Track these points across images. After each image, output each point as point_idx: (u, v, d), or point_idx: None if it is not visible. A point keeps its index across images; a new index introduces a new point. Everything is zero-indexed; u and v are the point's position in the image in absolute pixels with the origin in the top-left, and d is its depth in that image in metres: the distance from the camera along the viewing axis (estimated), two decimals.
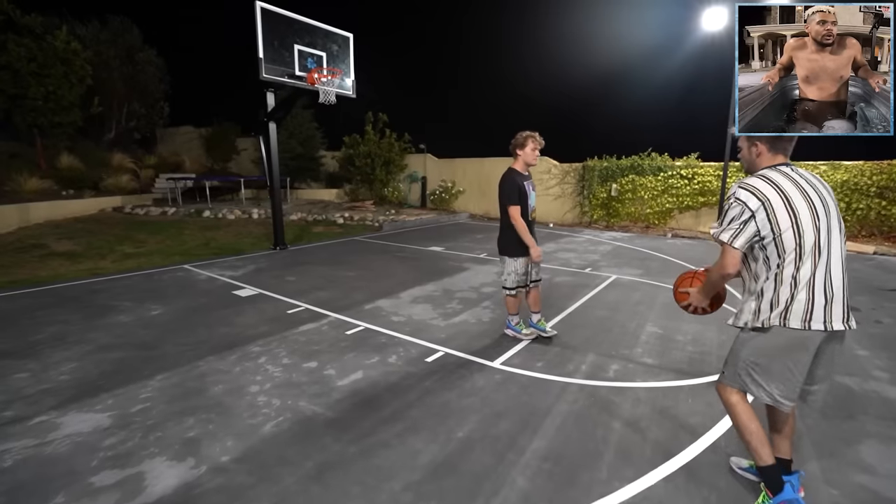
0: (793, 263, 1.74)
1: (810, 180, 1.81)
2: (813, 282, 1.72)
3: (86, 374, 3.24)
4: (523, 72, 21.52)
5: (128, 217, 11.15)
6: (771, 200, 1.74)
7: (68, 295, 5.27)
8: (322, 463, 2.27)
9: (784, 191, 1.75)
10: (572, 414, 2.73)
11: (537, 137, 3.65)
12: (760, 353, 1.83)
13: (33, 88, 11.10)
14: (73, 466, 2.24)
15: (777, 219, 1.73)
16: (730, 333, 4.10)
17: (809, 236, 1.72)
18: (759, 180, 1.80)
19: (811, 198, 1.76)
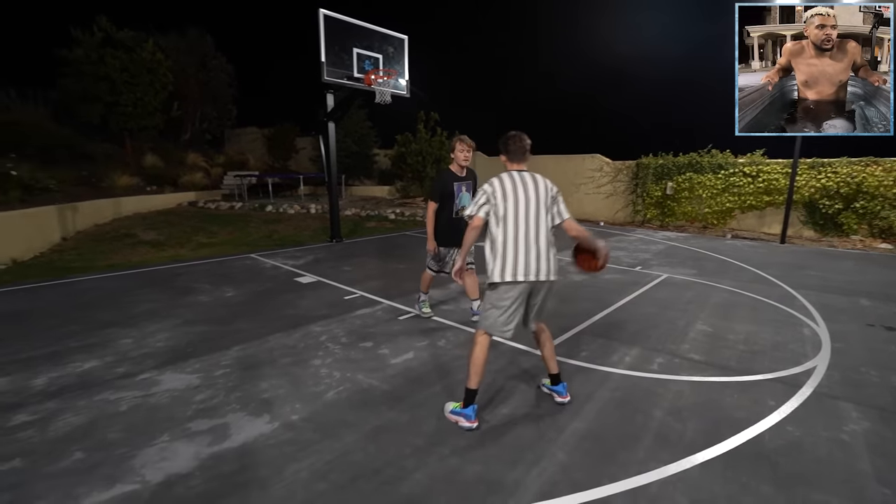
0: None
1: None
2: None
3: (177, 343, 3.72)
4: (576, 68, 21.12)
5: (201, 210, 12.20)
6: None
7: (156, 277, 5.94)
8: (378, 427, 2.53)
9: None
10: (613, 400, 2.83)
11: (466, 140, 4.02)
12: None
13: (125, 96, 12.40)
14: (173, 414, 2.64)
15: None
16: (785, 334, 3.99)
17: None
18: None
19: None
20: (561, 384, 2.82)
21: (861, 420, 2.61)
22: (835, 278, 6.17)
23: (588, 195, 13.36)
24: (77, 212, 9.02)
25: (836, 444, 2.38)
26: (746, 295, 5.26)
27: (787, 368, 3.30)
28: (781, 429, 2.51)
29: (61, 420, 2.58)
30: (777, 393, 2.92)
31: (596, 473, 2.14)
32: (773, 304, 4.90)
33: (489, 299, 2.60)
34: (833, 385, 3.05)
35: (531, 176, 2.64)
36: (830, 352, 3.62)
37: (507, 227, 2.53)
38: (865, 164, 9.46)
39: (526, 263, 2.50)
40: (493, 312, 2.57)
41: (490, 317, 2.58)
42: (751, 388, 3.00)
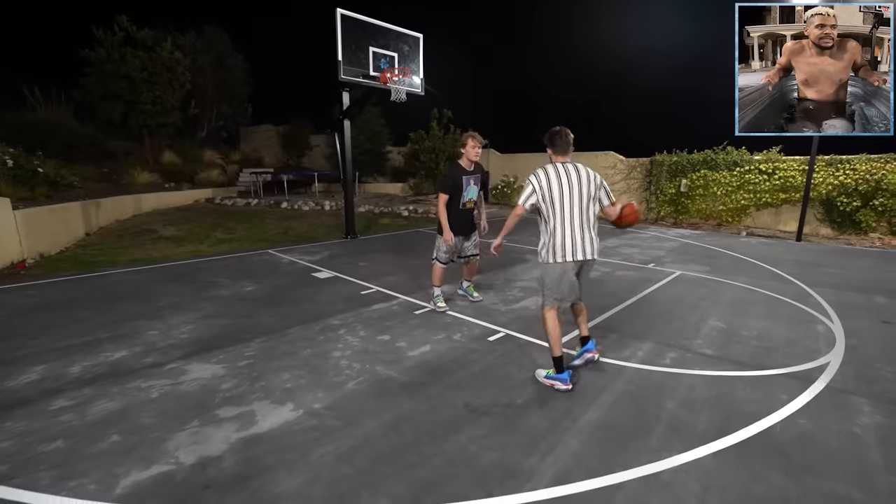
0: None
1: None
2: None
3: (200, 335, 3.87)
4: (589, 66, 20.99)
5: (218, 207, 12.45)
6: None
7: (178, 272, 6.13)
8: (398, 416, 2.63)
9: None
10: (627, 393, 2.89)
11: (477, 136, 4.25)
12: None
13: (145, 94, 12.70)
14: (202, 401, 2.77)
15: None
16: (799, 330, 4.00)
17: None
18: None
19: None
20: (590, 342, 3.27)
21: (874, 414, 2.64)
22: (851, 276, 6.12)
23: None
24: (100, 208, 9.29)
25: (848, 436, 2.42)
26: (761, 292, 5.26)
27: (800, 364, 3.32)
28: (793, 421, 2.56)
29: (97, 405, 2.72)
30: (790, 387, 2.96)
31: (609, 461, 2.21)
32: (787, 301, 4.89)
33: (547, 277, 3.00)
34: (846, 380, 3.07)
35: (574, 166, 3.00)
36: (844, 348, 3.63)
37: (556, 213, 2.93)
38: (885, 161, 9.29)
39: (573, 245, 2.91)
40: (555, 289, 2.98)
41: (552, 294, 2.99)
42: (763, 382, 3.04)
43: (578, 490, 2.01)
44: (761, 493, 2.00)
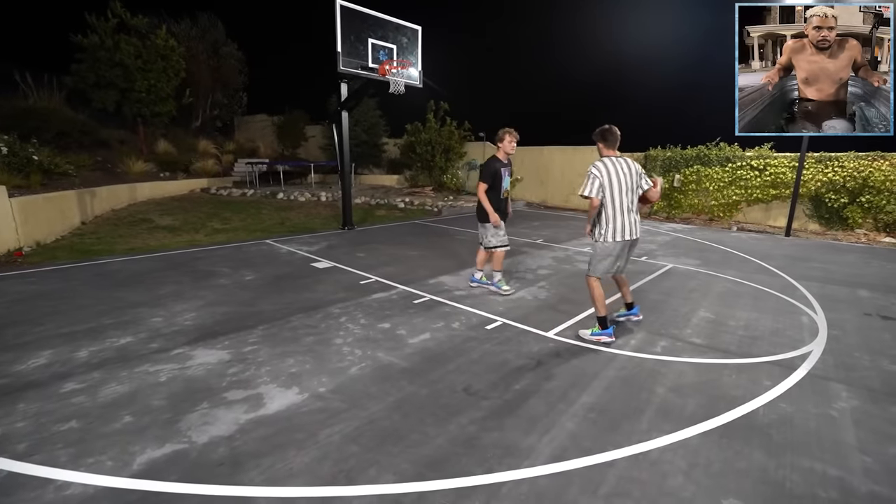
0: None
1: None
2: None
3: (203, 322, 3.94)
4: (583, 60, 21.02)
5: (213, 197, 12.42)
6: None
7: (177, 261, 6.17)
8: (400, 399, 2.74)
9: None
10: (619, 378, 3.02)
11: (513, 132, 4.63)
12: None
13: (139, 82, 12.56)
14: (210, 385, 2.86)
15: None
16: (784, 321, 4.16)
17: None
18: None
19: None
20: (635, 307, 4.03)
21: (850, 399, 2.79)
22: (837, 270, 6.30)
23: None
24: (95, 196, 9.25)
25: (825, 419, 2.57)
26: (749, 285, 5.42)
27: (784, 352, 3.47)
28: (775, 405, 2.70)
29: (108, 388, 2.80)
30: (773, 374, 3.10)
31: (602, 441, 2.34)
32: (774, 294, 5.05)
33: (599, 254, 3.60)
34: (827, 368, 3.23)
35: (623, 160, 3.58)
36: (826, 338, 3.79)
37: (613, 200, 3.49)
38: (872, 159, 9.50)
39: (623, 226, 3.52)
40: (603, 263, 3.61)
41: (600, 267, 3.62)
42: (748, 369, 3.18)
43: (573, 467, 2.13)
44: (743, 468, 2.14)
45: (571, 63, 21.40)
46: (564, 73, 21.72)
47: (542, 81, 23.17)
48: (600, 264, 3.61)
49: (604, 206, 3.52)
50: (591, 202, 3.52)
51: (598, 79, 20.32)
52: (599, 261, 3.60)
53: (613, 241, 3.52)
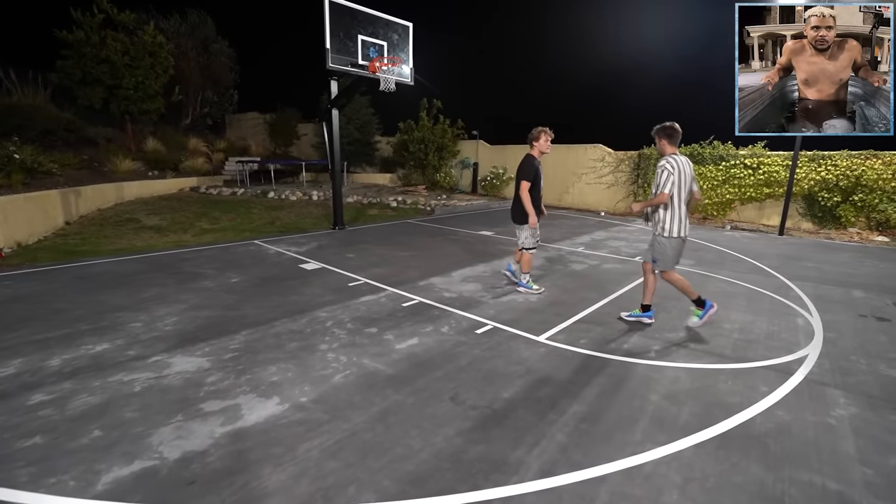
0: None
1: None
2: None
3: (185, 327, 3.81)
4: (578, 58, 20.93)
5: (203, 196, 12.22)
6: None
7: (162, 262, 6.02)
8: (384, 409, 2.63)
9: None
10: (611, 385, 2.93)
11: (548, 131, 4.66)
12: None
13: (126, 79, 12.32)
14: (186, 395, 2.74)
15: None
16: (780, 323, 4.09)
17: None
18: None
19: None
20: (706, 302, 3.89)
21: (848, 405, 2.72)
22: (831, 270, 6.26)
23: (589, 185, 13.39)
24: (80, 196, 9.05)
25: (824, 427, 2.49)
26: (743, 285, 5.35)
27: (779, 356, 3.40)
28: (772, 413, 2.62)
29: (78, 399, 2.67)
30: (769, 379, 3.03)
31: (594, 453, 2.24)
32: (768, 295, 4.99)
33: (668, 249, 3.77)
34: (823, 372, 3.15)
35: (684, 158, 3.70)
36: (822, 341, 3.72)
37: (681, 196, 3.65)
38: (865, 158, 9.48)
39: (682, 222, 3.71)
40: (673, 257, 3.81)
41: (670, 261, 3.82)
42: (744, 374, 3.10)
43: (563, 483, 2.04)
44: (740, 483, 2.05)
45: (565, 62, 21.32)
46: (558, 72, 21.64)
47: (535, 80, 23.08)
48: (671, 259, 3.82)
49: (671, 201, 3.66)
50: (662, 197, 3.62)
51: (591, 78, 20.25)
52: (670, 256, 3.81)
53: (678, 236, 3.72)
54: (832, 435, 2.42)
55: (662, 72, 19.03)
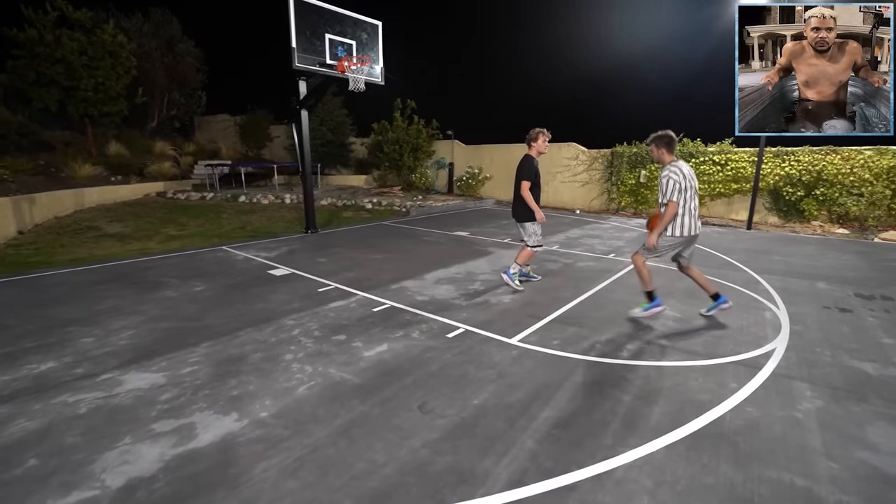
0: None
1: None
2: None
3: (141, 341, 3.61)
4: (551, 57, 21.12)
5: (170, 201, 11.80)
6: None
7: (122, 272, 5.74)
8: (349, 421, 2.52)
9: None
10: (584, 387, 2.88)
11: (546, 132, 4.78)
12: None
13: (84, 80, 11.78)
14: (137, 415, 2.57)
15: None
16: (748, 318, 4.13)
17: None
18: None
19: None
20: (720, 298, 4.00)
21: (814, 399, 2.74)
22: (796, 263, 6.42)
23: (564, 183, 13.48)
24: (34, 203, 8.60)
25: (791, 422, 2.49)
26: (713, 280, 5.41)
27: (748, 351, 3.42)
28: (741, 410, 2.61)
29: (14, 426, 2.47)
30: (739, 375, 3.03)
31: (565, 460, 2.18)
32: (738, 289, 5.06)
33: (662, 244, 3.85)
34: (790, 366, 3.18)
35: (685, 164, 3.78)
36: (789, 334, 3.77)
37: (686, 202, 3.71)
38: (825, 153, 9.81)
39: (685, 225, 3.77)
40: (659, 252, 3.91)
41: (653, 253, 3.92)
42: (715, 371, 3.10)
43: (531, 493, 1.97)
44: (711, 484, 2.02)
45: (539, 59, 21.49)
46: (532, 70, 21.79)
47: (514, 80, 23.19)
48: (657, 253, 3.93)
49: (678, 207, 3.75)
50: (671, 207, 3.67)
51: (564, 76, 20.47)
52: (659, 249, 3.90)
53: (673, 236, 3.81)
54: (799, 430, 2.43)
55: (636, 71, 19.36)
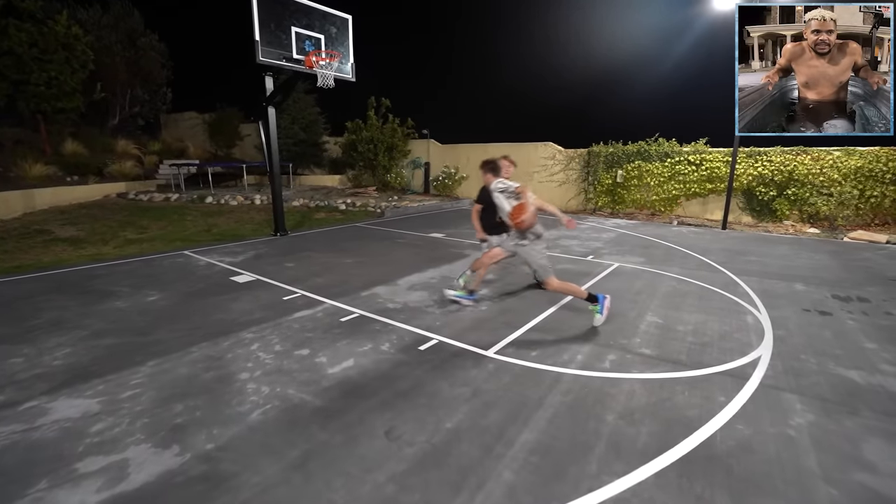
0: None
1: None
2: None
3: (79, 360, 3.24)
4: (527, 57, 21.11)
5: (131, 203, 11.17)
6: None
7: (69, 280, 5.28)
8: (307, 451, 2.24)
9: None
10: (565, 405, 2.68)
11: (509, 157, 4.91)
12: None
13: (35, 74, 11.04)
14: (60, 451, 2.23)
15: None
16: (731, 322, 4.02)
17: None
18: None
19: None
20: (598, 296, 3.94)
21: (805, 412, 2.60)
22: (772, 263, 6.42)
23: (541, 183, 13.39)
24: None
25: (784, 440, 2.34)
26: (693, 283, 5.34)
27: (734, 360, 3.29)
28: (732, 427, 2.45)
29: None
30: (726, 387, 2.89)
31: (545, 494, 1.97)
32: (717, 292, 4.98)
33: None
34: (777, 375, 3.06)
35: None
36: (773, 340, 3.67)
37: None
38: (796, 154, 9.97)
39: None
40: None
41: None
42: (701, 382, 2.95)
43: None
44: None
45: (516, 60, 21.44)
46: (510, 70, 21.73)
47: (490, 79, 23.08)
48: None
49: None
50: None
51: (544, 75, 20.47)
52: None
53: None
54: (794, 449, 2.28)
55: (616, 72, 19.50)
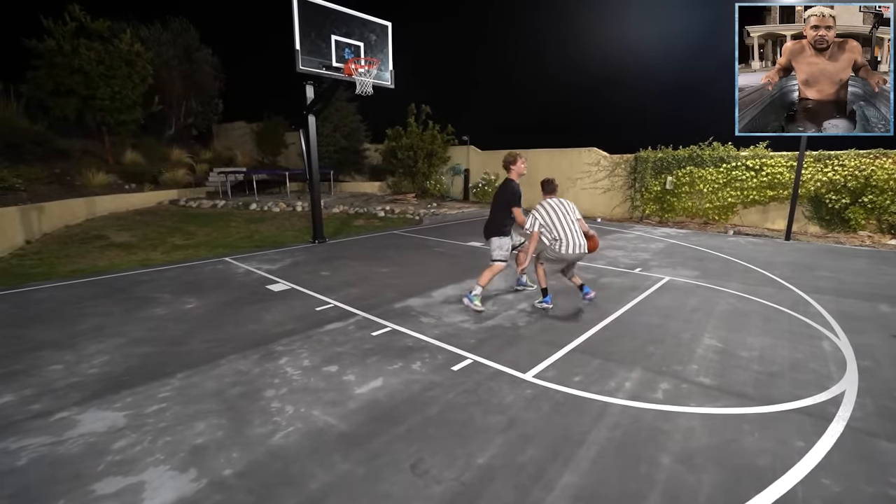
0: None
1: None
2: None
3: (113, 369, 3.26)
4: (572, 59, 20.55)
5: (181, 209, 11.69)
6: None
7: (116, 286, 5.47)
8: (327, 484, 2.08)
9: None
10: (612, 442, 2.38)
11: (522, 155, 4.75)
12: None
13: (101, 89, 11.82)
14: (80, 470, 2.18)
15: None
16: (804, 349, 3.55)
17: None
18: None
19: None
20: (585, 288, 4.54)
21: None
22: (849, 280, 5.74)
23: (584, 190, 12.89)
24: (43, 213, 8.51)
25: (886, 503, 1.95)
26: (755, 301, 4.83)
27: (811, 395, 2.86)
28: (816, 481, 2.08)
29: None
30: (804, 429, 2.48)
31: None
32: (785, 312, 4.46)
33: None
34: (868, 417, 2.61)
35: (554, 199, 4.50)
36: (858, 372, 3.18)
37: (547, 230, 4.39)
38: (874, 157, 9.01)
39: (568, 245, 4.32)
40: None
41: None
42: (773, 422, 2.56)
43: None
44: None
45: (558, 65, 20.95)
46: (551, 75, 21.26)
47: (530, 84, 22.69)
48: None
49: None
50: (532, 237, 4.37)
51: (584, 80, 19.86)
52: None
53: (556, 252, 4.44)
54: None
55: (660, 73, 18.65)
